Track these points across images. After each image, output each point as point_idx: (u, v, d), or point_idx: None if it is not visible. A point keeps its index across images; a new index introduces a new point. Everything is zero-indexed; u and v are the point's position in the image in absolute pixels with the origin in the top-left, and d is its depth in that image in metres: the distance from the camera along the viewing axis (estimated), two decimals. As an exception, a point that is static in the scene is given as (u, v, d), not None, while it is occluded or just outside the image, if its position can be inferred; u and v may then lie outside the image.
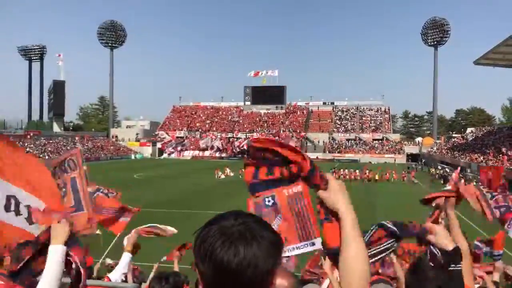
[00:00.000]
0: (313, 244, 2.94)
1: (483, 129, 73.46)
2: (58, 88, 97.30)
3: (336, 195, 1.45)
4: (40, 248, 2.18)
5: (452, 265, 1.85)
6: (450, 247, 1.92)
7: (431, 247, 1.88)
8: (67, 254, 2.09)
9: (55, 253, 2.05)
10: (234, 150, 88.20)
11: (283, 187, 2.63)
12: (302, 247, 2.76)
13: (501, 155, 44.92)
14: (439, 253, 1.86)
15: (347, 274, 1.35)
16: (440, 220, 2.46)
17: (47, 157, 62.78)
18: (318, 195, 1.50)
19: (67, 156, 3.65)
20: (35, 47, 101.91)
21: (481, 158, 48.82)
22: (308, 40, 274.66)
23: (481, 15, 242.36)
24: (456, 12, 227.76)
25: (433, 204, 2.49)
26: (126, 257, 3.84)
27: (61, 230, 2.14)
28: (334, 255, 1.49)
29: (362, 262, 1.35)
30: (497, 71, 75.30)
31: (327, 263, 3.35)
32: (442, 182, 42.59)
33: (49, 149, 73.52)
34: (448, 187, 2.86)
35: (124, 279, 3.93)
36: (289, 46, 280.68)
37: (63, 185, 3.50)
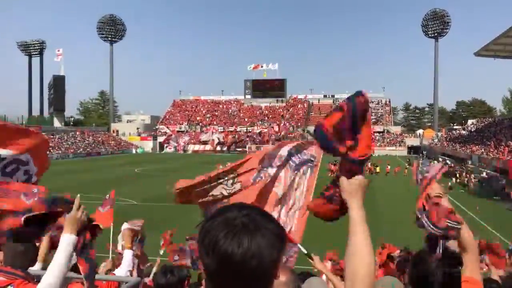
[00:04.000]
0: (295, 252, 2.97)
1: (484, 120, 73.32)
2: (58, 83, 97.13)
3: (355, 189, 1.50)
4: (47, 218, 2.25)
5: (459, 267, 1.87)
6: (457, 249, 1.94)
7: (441, 242, 1.88)
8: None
9: (66, 242, 2.09)
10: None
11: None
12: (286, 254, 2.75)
13: (502, 146, 44.85)
14: (440, 249, 1.86)
15: (352, 272, 1.36)
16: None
17: (48, 152, 62.83)
18: (339, 180, 1.56)
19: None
20: (34, 42, 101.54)
21: (482, 149, 48.77)
22: (308, 32, 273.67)
23: (481, 6, 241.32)
24: (456, 3, 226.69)
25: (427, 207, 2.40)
26: (128, 254, 3.85)
27: (74, 219, 2.18)
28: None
29: (368, 262, 1.36)
30: (497, 62, 74.89)
31: (317, 260, 3.34)
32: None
33: (50, 144, 73.61)
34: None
35: (129, 275, 3.94)
36: (289, 39, 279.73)
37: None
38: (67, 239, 2.11)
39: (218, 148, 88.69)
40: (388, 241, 7.05)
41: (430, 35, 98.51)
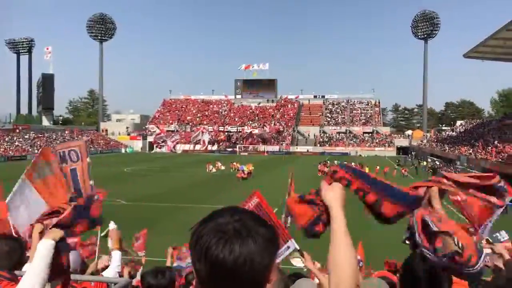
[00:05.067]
0: (288, 247, 2.97)
1: (473, 122, 74.07)
2: (47, 81, 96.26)
3: (335, 193, 1.51)
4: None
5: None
6: None
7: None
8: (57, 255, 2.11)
9: (44, 247, 2.05)
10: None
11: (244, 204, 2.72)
12: (279, 254, 2.79)
13: (490, 147, 45.34)
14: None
15: (335, 276, 1.34)
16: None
17: (36, 151, 62.22)
18: (320, 187, 1.56)
19: (71, 145, 3.66)
20: (23, 40, 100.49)
21: (470, 150, 49.27)
22: (299, 33, 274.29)
23: (470, 8, 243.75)
24: (446, 4, 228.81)
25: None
26: (116, 255, 3.80)
27: (55, 231, 2.17)
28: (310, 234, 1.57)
29: (351, 265, 1.34)
30: (486, 64, 75.72)
31: (307, 259, 3.32)
32: (431, 173, 42.88)
33: (39, 143, 72.84)
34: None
35: (118, 276, 3.88)
36: (279, 39, 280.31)
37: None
38: (44, 243, 2.05)
39: (209, 147, 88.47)
40: (379, 243, 7.06)
41: (419, 36, 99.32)
